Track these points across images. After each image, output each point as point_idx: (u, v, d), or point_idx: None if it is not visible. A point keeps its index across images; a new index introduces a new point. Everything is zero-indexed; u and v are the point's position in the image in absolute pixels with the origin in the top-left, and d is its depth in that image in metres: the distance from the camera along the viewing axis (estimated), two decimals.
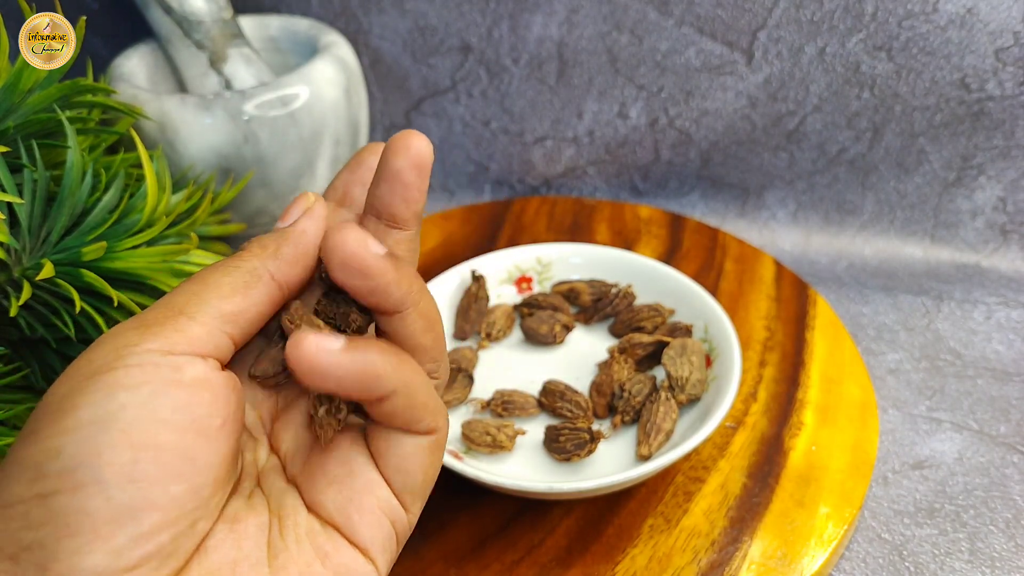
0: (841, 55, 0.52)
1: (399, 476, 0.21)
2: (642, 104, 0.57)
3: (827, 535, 0.34)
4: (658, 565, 0.33)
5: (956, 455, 0.40)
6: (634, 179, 0.61)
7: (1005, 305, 0.50)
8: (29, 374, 0.33)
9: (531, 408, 0.39)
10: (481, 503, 0.37)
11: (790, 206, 0.58)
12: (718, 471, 0.37)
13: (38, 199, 0.32)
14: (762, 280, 0.49)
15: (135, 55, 0.48)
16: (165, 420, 0.18)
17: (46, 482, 0.17)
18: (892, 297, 0.51)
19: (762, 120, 0.56)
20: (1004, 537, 0.36)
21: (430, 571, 0.34)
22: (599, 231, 0.55)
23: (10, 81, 0.32)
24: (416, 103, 0.60)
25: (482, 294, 0.44)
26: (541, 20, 0.55)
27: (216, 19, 0.46)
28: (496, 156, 0.61)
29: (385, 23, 0.56)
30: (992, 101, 0.51)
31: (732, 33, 0.53)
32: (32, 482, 0.17)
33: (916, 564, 0.36)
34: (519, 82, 0.58)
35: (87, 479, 0.17)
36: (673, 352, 0.39)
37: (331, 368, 0.18)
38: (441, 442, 0.22)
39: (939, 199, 0.55)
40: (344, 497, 0.21)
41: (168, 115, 0.42)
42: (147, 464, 0.18)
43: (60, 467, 0.17)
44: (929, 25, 0.50)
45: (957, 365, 0.46)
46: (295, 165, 0.45)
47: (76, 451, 0.17)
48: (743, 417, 0.40)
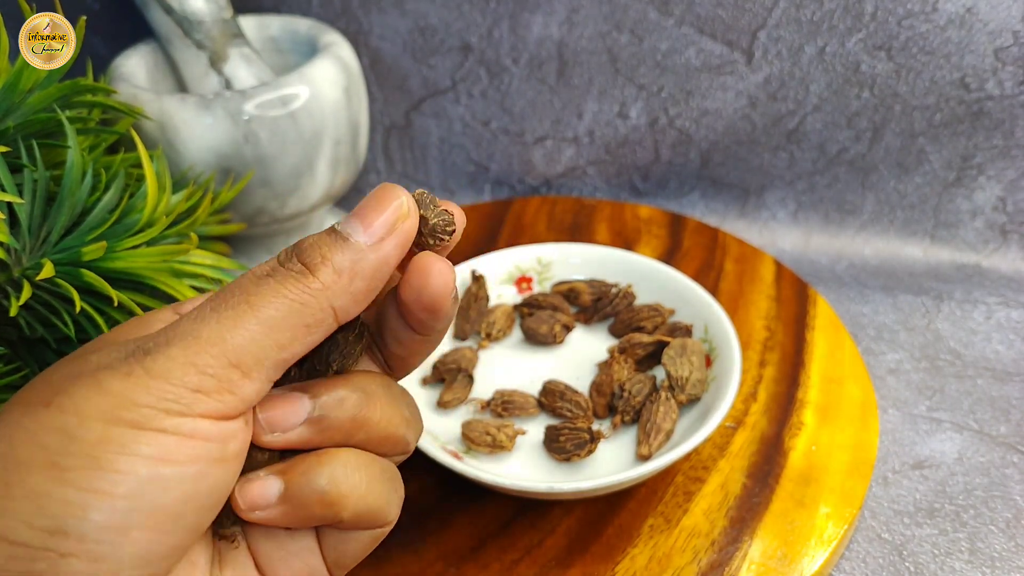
0: (841, 55, 0.52)
1: (335, 555, 0.21)
2: (642, 104, 0.57)
3: (827, 535, 0.34)
4: (658, 565, 0.33)
5: (956, 455, 0.40)
6: (634, 179, 0.61)
7: (1005, 305, 0.50)
8: (29, 374, 0.33)
9: (531, 408, 0.39)
10: (481, 503, 0.37)
11: (790, 206, 0.58)
12: (718, 471, 0.37)
13: (38, 199, 0.32)
14: (762, 280, 0.49)
15: (135, 55, 0.48)
16: (193, 498, 0.18)
17: (66, 543, 0.16)
18: (892, 297, 0.51)
19: (762, 120, 0.56)
20: (1004, 537, 0.36)
21: (430, 571, 0.34)
22: (599, 231, 0.55)
23: (10, 81, 0.32)
24: (416, 103, 0.60)
25: (482, 294, 0.44)
26: (541, 20, 0.55)
27: (216, 19, 0.46)
28: (496, 156, 0.61)
29: (385, 23, 0.56)
30: (992, 101, 0.51)
31: (732, 33, 0.53)
32: (49, 535, 0.16)
33: (916, 564, 0.36)
34: (519, 82, 0.58)
35: (105, 554, 0.17)
36: (673, 352, 0.39)
37: (272, 517, 0.19)
38: (387, 530, 0.22)
39: (939, 199, 0.55)
40: (277, 554, 0.21)
41: (168, 115, 0.42)
42: (150, 537, 0.17)
43: (81, 532, 0.16)
44: (929, 25, 0.50)
45: (957, 365, 0.46)
46: (295, 165, 0.45)
47: (104, 521, 0.16)
48: (743, 417, 0.40)
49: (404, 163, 0.62)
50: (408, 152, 0.62)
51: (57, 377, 0.18)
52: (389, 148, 0.62)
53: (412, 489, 0.37)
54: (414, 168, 0.62)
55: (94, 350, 0.19)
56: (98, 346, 0.20)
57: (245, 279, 0.19)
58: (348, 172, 0.50)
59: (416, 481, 0.38)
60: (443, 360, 0.42)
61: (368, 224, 0.19)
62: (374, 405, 0.21)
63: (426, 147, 0.62)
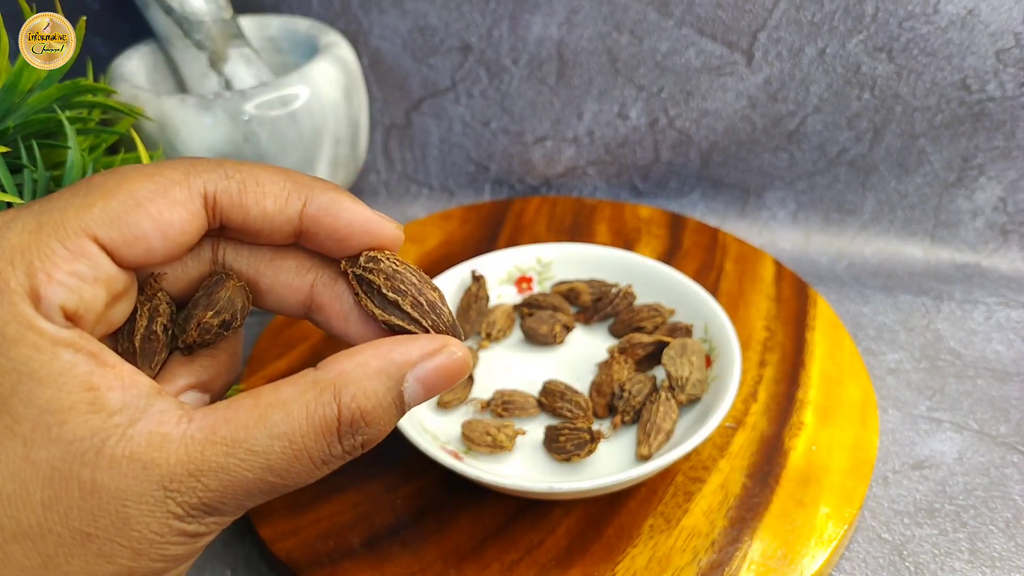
0: (841, 56, 0.52)
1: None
2: (642, 104, 0.57)
3: (827, 535, 0.34)
4: (658, 565, 0.33)
5: (956, 455, 0.40)
6: (634, 179, 0.61)
7: (1005, 305, 0.50)
8: None
9: (531, 408, 0.39)
10: (481, 503, 0.37)
11: (790, 206, 0.58)
12: (718, 471, 0.37)
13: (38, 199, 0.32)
14: (762, 280, 0.49)
15: (135, 55, 0.48)
16: None
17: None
18: (892, 297, 0.51)
19: (762, 120, 0.56)
20: (1004, 537, 0.36)
21: (430, 571, 0.34)
22: (599, 231, 0.55)
23: (10, 81, 0.32)
24: (416, 103, 0.60)
25: (482, 294, 0.44)
26: (541, 20, 0.55)
27: (216, 19, 0.46)
28: (496, 156, 0.61)
29: (385, 23, 0.56)
30: (993, 102, 0.51)
31: (732, 34, 0.53)
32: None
33: (916, 564, 0.36)
34: (519, 82, 0.58)
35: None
36: (673, 352, 0.39)
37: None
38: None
39: (939, 199, 0.55)
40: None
41: (168, 115, 0.42)
42: None
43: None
44: (930, 26, 0.50)
45: (957, 365, 0.46)
46: (295, 165, 0.45)
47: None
48: (743, 417, 0.40)
49: (404, 163, 0.62)
50: (408, 152, 0.62)
51: None
52: (389, 148, 0.62)
53: (412, 489, 0.37)
54: (414, 168, 0.62)
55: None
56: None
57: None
58: (348, 172, 0.50)
59: (416, 481, 0.38)
60: None
61: (431, 395, 0.21)
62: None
63: (426, 147, 0.62)
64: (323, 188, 0.22)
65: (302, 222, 0.22)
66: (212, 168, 0.21)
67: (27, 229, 0.19)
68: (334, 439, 0.20)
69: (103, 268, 0.19)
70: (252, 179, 0.21)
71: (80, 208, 0.19)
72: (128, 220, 0.19)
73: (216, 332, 0.22)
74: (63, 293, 0.18)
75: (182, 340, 0.22)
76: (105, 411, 0.18)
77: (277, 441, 0.19)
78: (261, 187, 0.21)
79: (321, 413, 0.19)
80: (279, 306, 0.23)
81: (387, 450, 0.39)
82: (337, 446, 0.20)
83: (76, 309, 0.19)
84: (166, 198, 0.20)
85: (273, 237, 0.22)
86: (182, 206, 0.20)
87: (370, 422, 0.20)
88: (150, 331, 0.22)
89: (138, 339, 0.21)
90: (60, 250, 0.18)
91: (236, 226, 0.21)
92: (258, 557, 0.37)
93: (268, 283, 0.23)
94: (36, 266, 0.18)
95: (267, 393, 0.19)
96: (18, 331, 0.18)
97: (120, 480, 0.18)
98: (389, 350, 0.20)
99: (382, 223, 0.22)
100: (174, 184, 0.20)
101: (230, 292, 0.22)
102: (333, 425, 0.20)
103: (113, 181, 0.20)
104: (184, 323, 0.22)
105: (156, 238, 0.20)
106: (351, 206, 0.22)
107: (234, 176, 0.21)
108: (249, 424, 0.19)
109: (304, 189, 0.22)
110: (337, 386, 0.20)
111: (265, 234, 0.22)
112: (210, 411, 0.19)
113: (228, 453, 0.19)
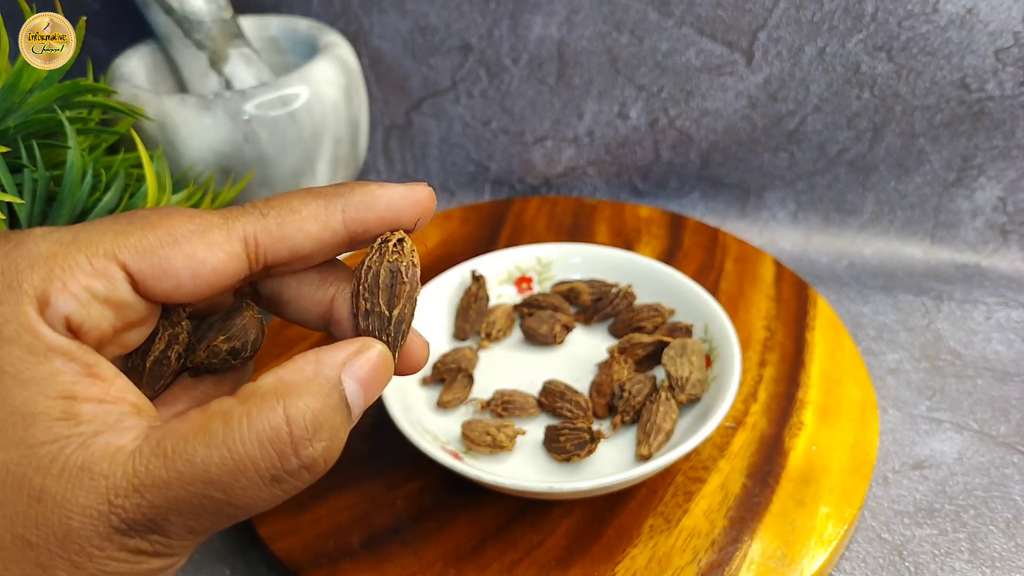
0: (841, 55, 0.52)
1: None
2: (642, 104, 0.57)
3: (827, 535, 0.34)
4: (658, 565, 0.33)
5: (956, 455, 0.40)
6: (634, 179, 0.61)
7: (1005, 305, 0.50)
8: None
9: (531, 408, 0.39)
10: (481, 503, 0.37)
11: (790, 206, 0.58)
12: (718, 471, 0.37)
13: (38, 199, 0.32)
14: (762, 280, 0.49)
15: (135, 55, 0.48)
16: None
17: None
18: (892, 297, 0.51)
19: (762, 120, 0.56)
20: (1004, 537, 0.36)
21: (429, 571, 0.34)
22: (599, 231, 0.55)
23: (10, 81, 0.32)
24: (416, 103, 0.60)
25: (482, 294, 0.44)
26: (541, 20, 0.55)
27: (216, 19, 0.46)
28: (496, 156, 0.61)
29: (385, 23, 0.56)
30: (992, 101, 0.51)
31: (732, 33, 0.53)
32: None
33: (916, 564, 0.36)
34: (519, 82, 0.58)
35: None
36: (673, 352, 0.39)
37: None
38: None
39: (939, 199, 0.55)
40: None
41: (168, 115, 0.42)
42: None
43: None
44: (929, 25, 0.50)
45: (957, 365, 0.46)
46: (295, 165, 0.45)
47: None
48: (743, 417, 0.40)
49: (404, 163, 0.62)
50: (408, 152, 0.62)
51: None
52: (389, 148, 0.62)
53: (412, 489, 0.37)
54: (414, 168, 0.62)
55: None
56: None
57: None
58: (348, 172, 0.50)
59: (416, 481, 0.38)
60: (443, 360, 0.42)
61: (370, 396, 0.21)
62: None
63: (426, 147, 0.62)
64: (350, 188, 0.22)
65: (347, 227, 0.22)
66: (247, 211, 0.21)
67: (61, 241, 0.19)
68: (286, 450, 0.19)
69: (118, 292, 0.19)
70: (286, 209, 0.21)
71: (117, 234, 0.19)
72: (161, 254, 0.20)
73: (224, 358, 0.22)
74: (72, 304, 0.18)
75: (190, 360, 0.22)
76: (74, 420, 0.18)
77: (215, 451, 0.18)
78: (297, 213, 0.21)
79: (264, 419, 0.19)
80: (299, 318, 0.23)
81: (387, 450, 0.39)
82: (292, 459, 0.19)
83: (81, 324, 0.19)
84: (203, 239, 0.20)
85: (324, 253, 0.22)
86: (219, 248, 0.20)
87: (323, 423, 0.19)
88: (164, 355, 0.22)
89: (151, 360, 0.21)
90: (84, 265, 0.19)
91: (283, 260, 0.22)
92: (258, 557, 0.37)
93: (291, 295, 0.23)
94: (55, 274, 0.18)
95: (214, 405, 0.19)
96: (16, 331, 0.18)
97: (67, 490, 0.17)
98: (318, 354, 0.20)
99: (414, 194, 0.23)
100: (213, 227, 0.20)
101: (246, 321, 0.22)
102: (281, 432, 0.19)
103: (156, 216, 0.20)
104: (195, 343, 0.22)
105: (186, 275, 0.20)
106: (382, 191, 0.22)
107: (268, 213, 0.21)
108: (188, 435, 0.18)
109: (337, 198, 0.22)
110: (279, 391, 0.19)
111: (316, 255, 0.22)
112: (165, 425, 0.19)
113: (168, 466, 0.18)
